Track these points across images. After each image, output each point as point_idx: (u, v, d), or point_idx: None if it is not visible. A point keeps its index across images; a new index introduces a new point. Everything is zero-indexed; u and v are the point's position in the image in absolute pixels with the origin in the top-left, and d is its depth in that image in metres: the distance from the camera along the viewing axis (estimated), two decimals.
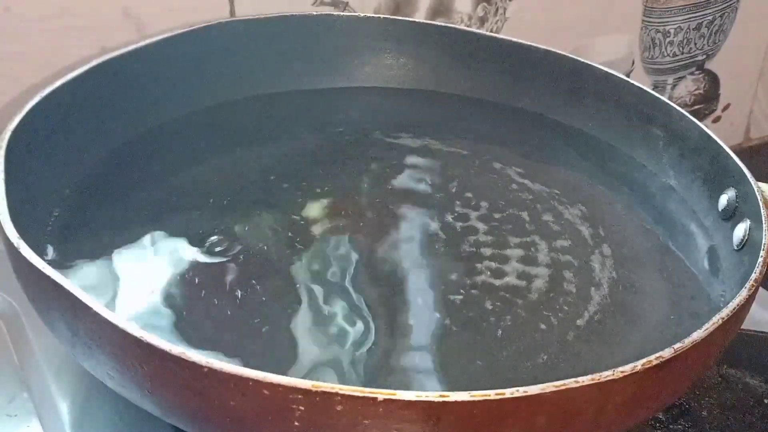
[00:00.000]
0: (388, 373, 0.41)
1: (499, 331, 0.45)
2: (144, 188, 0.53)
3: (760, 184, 0.49)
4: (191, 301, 0.45)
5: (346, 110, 0.63)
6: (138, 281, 0.46)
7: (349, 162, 0.57)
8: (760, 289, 0.43)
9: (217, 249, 0.48)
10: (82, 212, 0.50)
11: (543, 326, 0.46)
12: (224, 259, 0.48)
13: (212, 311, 0.44)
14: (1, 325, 0.52)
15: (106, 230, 0.49)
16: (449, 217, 0.53)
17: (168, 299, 0.45)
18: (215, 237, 0.49)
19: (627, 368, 0.35)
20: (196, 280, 0.46)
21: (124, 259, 0.47)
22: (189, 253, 0.48)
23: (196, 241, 0.49)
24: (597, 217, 0.54)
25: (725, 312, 0.39)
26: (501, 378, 0.42)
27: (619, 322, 0.47)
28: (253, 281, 0.46)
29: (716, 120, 0.98)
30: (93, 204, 0.50)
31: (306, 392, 0.33)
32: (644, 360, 0.36)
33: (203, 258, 0.48)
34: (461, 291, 0.47)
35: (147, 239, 0.48)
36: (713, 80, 0.95)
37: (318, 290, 0.46)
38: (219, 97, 0.60)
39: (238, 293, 0.46)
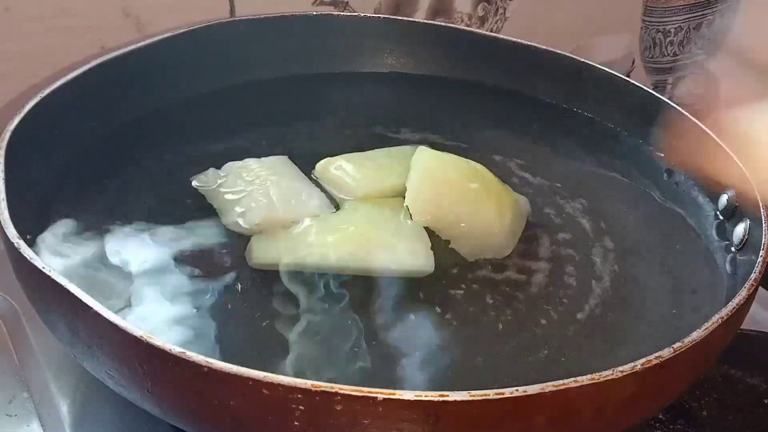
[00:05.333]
0: (388, 371, 0.41)
1: (500, 326, 0.45)
2: (145, 186, 0.52)
3: None
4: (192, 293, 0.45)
5: (347, 106, 0.63)
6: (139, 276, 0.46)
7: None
8: (760, 289, 0.43)
9: (214, 239, 0.48)
10: (83, 210, 0.50)
11: (543, 321, 0.46)
12: (223, 250, 0.48)
13: (212, 304, 0.45)
14: (1, 325, 0.52)
15: (106, 228, 0.49)
16: None
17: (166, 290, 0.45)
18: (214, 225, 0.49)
19: (626, 368, 0.35)
20: (196, 272, 0.46)
21: (123, 255, 0.47)
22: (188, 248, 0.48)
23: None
24: (598, 210, 0.54)
25: (725, 312, 0.39)
26: (501, 373, 0.42)
27: (619, 316, 0.46)
28: (254, 274, 0.46)
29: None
30: (93, 203, 0.50)
31: (306, 392, 0.33)
32: (644, 360, 0.36)
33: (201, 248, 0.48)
34: (462, 285, 0.47)
35: (146, 235, 0.49)
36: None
37: (317, 282, 0.46)
38: (219, 94, 0.61)
39: (238, 286, 0.46)
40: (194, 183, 0.52)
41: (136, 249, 0.48)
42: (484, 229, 0.49)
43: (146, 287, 0.45)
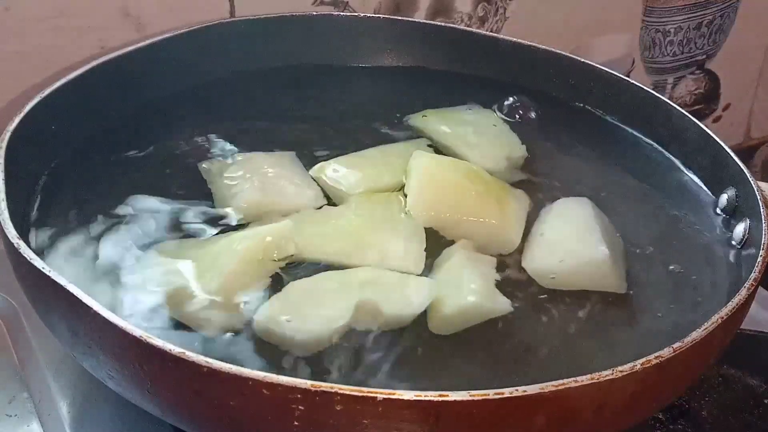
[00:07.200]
0: (387, 370, 0.41)
1: (500, 324, 0.45)
2: (145, 186, 0.52)
3: (760, 183, 0.49)
4: None
5: (348, 105, 0.63)
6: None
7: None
8: (760, 289, 0.43)
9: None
10: (83, 210, 0.50)
11: (545, 318, 0.46)
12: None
13: None
14: (1, 325, 0.53)
15: (105, 227, 0.49)
16: None
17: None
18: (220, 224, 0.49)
19: (626, 368, 0.35)
20: None
21: (122, 253, 0.47)
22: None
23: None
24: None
25: (725, 311, 0.39)
26: (501, 372, 0.42)
27: (620, 314, 0.46)
28: None
29: (716, 120, 0.98)
30: (93, 202, 0.50)
31: (305, 392, 0.33)
32: (643, 359, 0.36)
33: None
34: None
35: (145, 233, 0.49)
36: (713, 80, 0.95)
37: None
38: (219, 94, 0.61)
39: None
40: (201, 167, 0.53)
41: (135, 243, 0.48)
42: (488, 227, 0.49)
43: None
